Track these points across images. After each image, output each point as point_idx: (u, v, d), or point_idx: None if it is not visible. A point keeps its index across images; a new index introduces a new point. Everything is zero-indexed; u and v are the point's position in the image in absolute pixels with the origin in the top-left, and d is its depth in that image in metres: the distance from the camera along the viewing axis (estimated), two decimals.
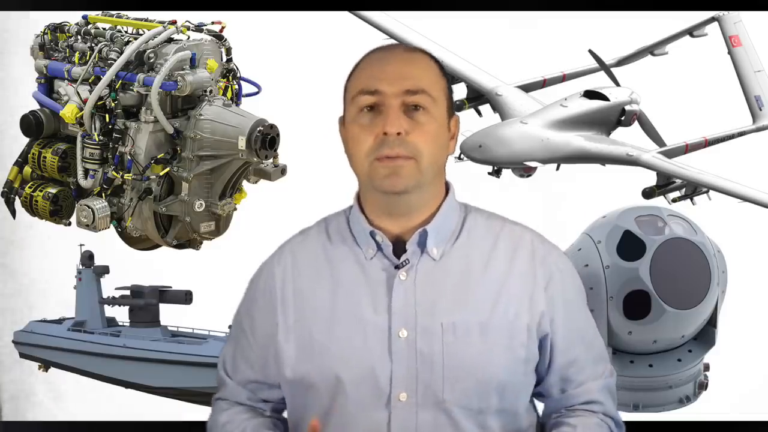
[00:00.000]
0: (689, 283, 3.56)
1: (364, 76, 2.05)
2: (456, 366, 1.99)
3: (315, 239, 2.13)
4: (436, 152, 2.03)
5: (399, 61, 2.05)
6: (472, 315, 2.01)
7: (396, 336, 1.99)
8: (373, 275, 2.04)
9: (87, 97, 4.64)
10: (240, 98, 4.95)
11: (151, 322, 6.33)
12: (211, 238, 4.88)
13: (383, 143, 1.98)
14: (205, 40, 4.77)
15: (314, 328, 2.04)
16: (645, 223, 3.64)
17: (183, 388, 6.07)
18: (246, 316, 2.18)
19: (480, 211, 2.14)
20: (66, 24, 4.95)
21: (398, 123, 1.98)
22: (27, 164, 4.96)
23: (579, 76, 5.61)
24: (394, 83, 2.00)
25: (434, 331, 1.99)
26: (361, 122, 2.02)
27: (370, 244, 2.05)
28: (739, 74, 5.47)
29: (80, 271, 6.47)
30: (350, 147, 2.05)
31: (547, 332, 2.06)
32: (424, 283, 2.02)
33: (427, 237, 2.04)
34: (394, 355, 1.99)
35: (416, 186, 2.01)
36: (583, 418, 2.10)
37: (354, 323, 2.02)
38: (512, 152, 5.00)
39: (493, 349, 2.01)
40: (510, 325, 2.02)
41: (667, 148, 5.16)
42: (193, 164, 4.65)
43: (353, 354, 2.00)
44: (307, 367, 2.03)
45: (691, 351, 3.78)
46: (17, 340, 6.22)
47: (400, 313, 2.00)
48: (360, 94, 2.02)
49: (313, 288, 2.07)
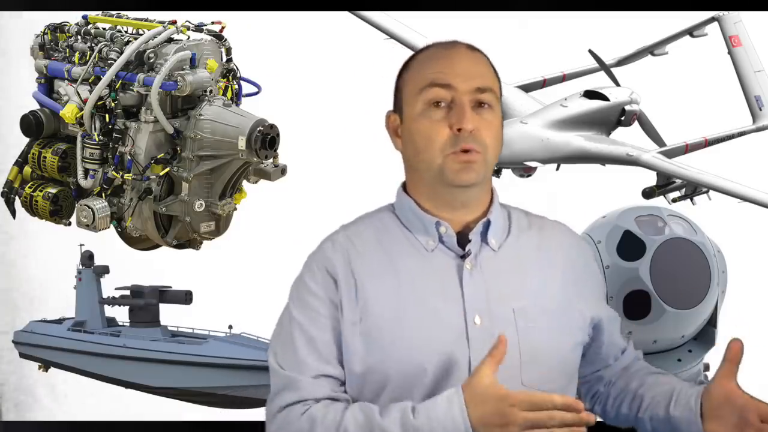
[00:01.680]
0: (689, 283, 3.56)
1: (432, 70, 2.07)
2: (531, 350, 2.03)
3: (366, 232, 2.13)
4: (498, 147, 2.11)
5: (467, 58, 2.09)
6: (536, 301, 2.07)
7: (471, 323, 2.02)
8: (437, 266, 2.06)
9: (87, 97, 4.65)
10: (240, 98, 4.95)
11: (151, 322, 6.34)
12: (211, 238, 4.88)
13: (458, 139, 2.02)
14: (205, 40, 4.77)
15: (383, 321, 2.03)
16: (645, 223, 3.63)
17: (183, 388, 6.08)
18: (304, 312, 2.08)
19: (518, 210, 2.22)
20: (66, 24, 4.95)
21: (472, 120, 2.03)
22: (27, 164, 4.96)
23: (579, 76, 5.61)
24: (467, 80, 2.05)
25: (507, 317, 2.03)
26: (433, 117, 2.04)
27: (432, 234, 2.08)
28: (739, 74, 5.47)
29: (80, 271, 6.48)
30: (418, 142, 2.06)
31: (595, 316, 2.17)
32: (489, 272, 2.06)
33: (489, 228, 2.09)
34: (471, 342, 2.01)
35: (482, 179, 2.08)
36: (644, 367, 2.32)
37: (427, 313, 2.02)
38: (512, 152, 5.00)
39: (559, 332, 2.08)
40: (568, 310, 2.11)
41: (667, 148, 5.16)
42: (193, 164, 4.65)
43: (430, 343, 2.00)
44: (379, 361, 2.01)
45: (691, 351, 3.78)
46: (17, 340, 6.23)
47: (472, 301, 2.03)
48: (430, 87, 2.05)
49: (376, 280, 2.06)
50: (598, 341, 2.21)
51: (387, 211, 2.16)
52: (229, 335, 6.19)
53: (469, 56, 2.10)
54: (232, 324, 6.14)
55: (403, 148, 2.11)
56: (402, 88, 2.11)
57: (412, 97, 2.07)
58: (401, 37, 5.49)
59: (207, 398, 6.12)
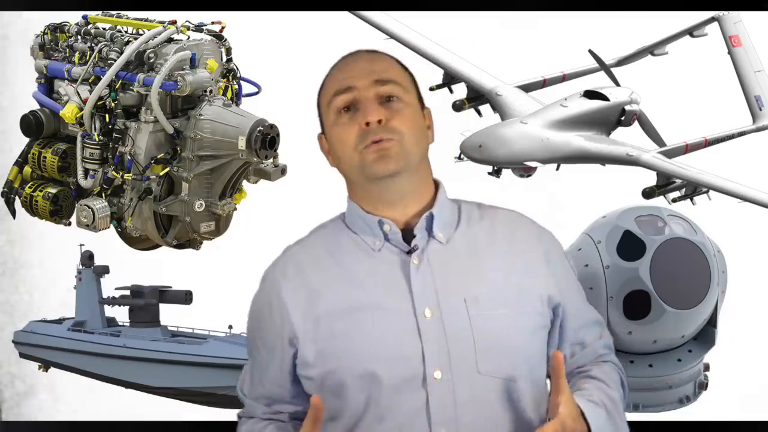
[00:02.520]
0: (689, 283, 3.56)
1: (335, 80, 2.13)
2: (485, 337, 2.03)
3: (315, 243, 2.17)
4: (417, 134, 2.09)
5: (365, 59, 2.14)
6: (489, 289, 2.06)
7: (422, 316, 2.03)
8: (385, 264, 2.08)
9: (87, 97, 4.64)
10: (240, 98, 4.95)
11: (151, 322, 6.34)
12: (211, 238, 4.88)
13: (367, 133, 2.05)
14: (205, 40, 4.77)
15: (335, 326, 2.05)
16: (645, 223, 3.63)
17: (183, 388, 6.08)
18: (257, 333, 2.19)
19: (470, 203, 2.21)
20: (66, 24, 4.95)
21: (377, 112, 2.05)
22: (27, 164, 4.96)
23: (579, 76, 5.61)
24: (365, 76, 2.08)
25: (458, 306, 2.04)
26: (341, 122, 2.09)
27: (377, 234, 2.09)
28: (739, 74, 5.47)
29: (80, 271, 6.49)
30: (337, 149, 2.11)
31: (558, 301, 2.14)
32: (438, 265, 2.07)
33: (434, 220, 2.09)
34: (423, 335, 2.01)
35: (405, 167, 2.07)
36: (597, 365, 2.21)
37: (376, 313, 2.04)
38: (512, 152, 5.00)
39: (516, 318, 2.06)
40: (525, 295, 2.09)
41: (667, 148, 5.16)
42: (193, 164, 4.65)
43: (381, 342, 2.02)
44: (335, 364, 2.04)
45: (691, 351, 3.78)
46: (17, 340, 6.23)
47: (422, 295, 2.04)
48: (335, 96, 2.10)
49: (326, 287, 2.09)
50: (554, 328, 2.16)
51: (338, 220, 2.19)
52: (229, 335, 6.20)
53: (368, 57, 2.15)
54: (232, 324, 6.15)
55: (334, 161, 2.15)
56: (319, 108, 2.17)
57: (325, 112, 2.14)
58: (401, 37, 5.49)
59: (207, 398, 6.12)
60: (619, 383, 2.24)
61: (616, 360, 2.26)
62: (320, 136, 2.18)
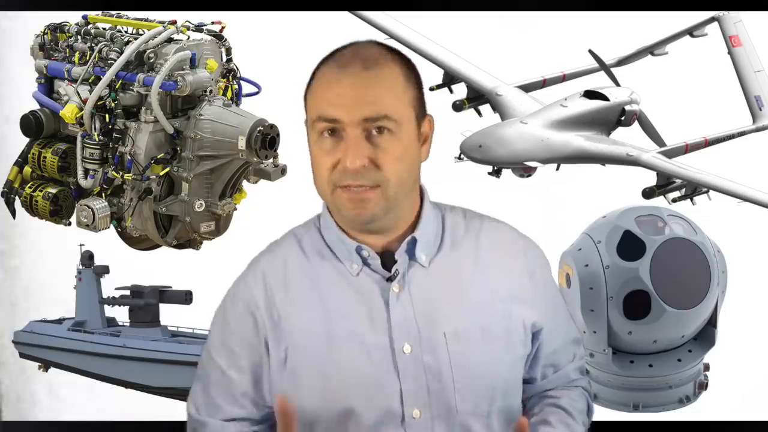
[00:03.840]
0: (689, 283, 3.56)
1: (322, 99, 1.91)
2: (464, 374, 1.95)
3: (290, 257, 2.02)
4: (405, 174, 1.92)
5: (355, 84, 1.89)
6: (471, 320, 1.97)
7: (400, 352, 1.93)
8: (363, 291, 1.95)
9: (87, 97, 4.64)
10: (240, 98, 4.95)
11: (151, 322, 6.33)
12: (211, 238, 4.88)
13: (345, 174, 1.88)
14: (205, 40, 4.77)
15: (310, 355, 1.94)
16: (645, 223, 3.64)
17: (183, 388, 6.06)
18: (223, 350, 2.04)
19: (455, 209, 2.08)
20: (66, 24, 4.95)
21: (360, 155, 1.86)
22: (27, 164, 4.96)
23: (579, 76, 5.61)
24: (353, 111, 1.87)
25: (438, 341, 1.94)
26: (321, 146, 1.92)
27: (355, 259, 1.97)
28: (739, 74, 5.47)
29: (80, 271, 6.47)
30: (313, 169, 1.96)
31: (540, 327, 2.06)
32: (419, 293, 1.96)
33: (416, 244, 1.97)
34: (401, 373, 1.93)
35: (385, 212, 1.92)
36: (566, 390, 2.14)
37: (353, 345, 1.93)
38: (512, 152, 5.00)
39: (496, 352, 1.98)
40: (508, 324, 2.00)
41: (667, 148, 5.16)
42: (193, 164, 4.65)
43: (357, 378, 1.92)
44: (308, 399, 1.93)
45: (691, 351, 3.78)
46: (17, 340, 6.22)
47: (401, 327, 1.94)
48: (317, 121, 1.91)
49: (301, 310, 1.96)
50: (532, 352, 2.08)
51: (313, 229, 2.05)
52: None
53: (360, 79, 1.89)
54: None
55: None
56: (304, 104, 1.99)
57: (309, 121, 1.96)
58: (401, 37, 5.49)
59: None
60: (585, 412, 2.16)
61: (586, 384, 2.19)
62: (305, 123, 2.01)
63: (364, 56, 1.93)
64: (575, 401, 2.13)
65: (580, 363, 2.19)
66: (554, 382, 2.15)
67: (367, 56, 1.93)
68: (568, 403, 2.11)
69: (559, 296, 2.17)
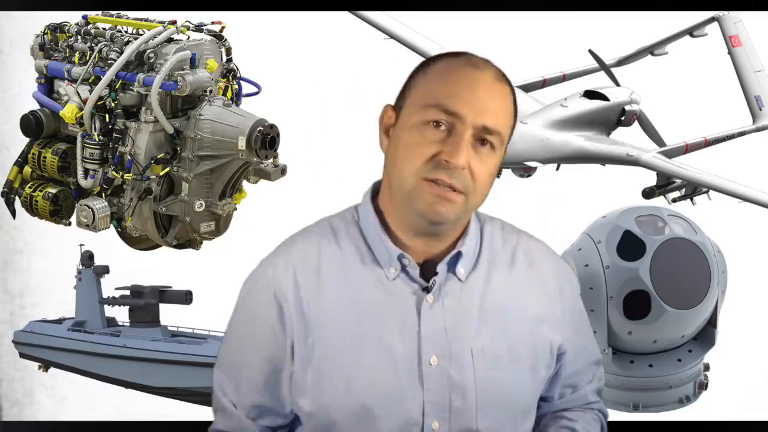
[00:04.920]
0: (689, 283, 3.56)
1: (446, 89, 1.89)
2: (488, 393, 1.94)
3: (324, 249, 1.98)
4: (487, 191, 1.93)
5: (487, 90, 1.90)
6: (500, 340, 1.96)
7: (427, 363, 1.91)
8: (397, 297, 1.93)
9: (87, 97, 4.64)
10: (240, 98, 4.95)
11: (151, 322, 6.34)
12: (211, 238, 4.88)
13: (440, 167, 1.85)
14: (205, 40, 4.77)
15: (336, 356, 1.92)
16: (645, 223, 3.63)
17: (183, 388, 6.07)
18: (248, 336, 2.01)
19: (493, 221, 2.06)
20: (66, 24, 4.95)
21: (465, 157, 1.86)
22: (27, 164, 4.96)
23: (579, 76, 5.62)
24: (478, 114, 1.87)
25: (465, 357, 1.93)
26: (426, 135, 1.87)
27: (394, 264, 1.94)
28: (739, 74, 5.47)
29: (80, 271, 6.48)
30: (399, 153, 1.90)
31: (565, 350, 2.05)
32: (452, 307, 1.94)
33: (459, 259, 1.96)
34: (425, 384, 1.91)
35: (456, 219, 1.91)
36: (581, 413, 2.14)
37: (381, 350, 1.91)
38: (512, 152, 4.98)
39: (521, 374, 1.98)
40: (535, 346, 2.00)
41: (667, 148, 5.16)
42: (193, 164, 4.65)
43: (382, 384, 1.91)
44: (331, 399, 1.92)
45: (691, 351, 3.78)
46: (17, 340, 6.22)
47: (430, 339, 1.92)
48: (434, 108, 1.87)
49: (331, 309, 1.93)
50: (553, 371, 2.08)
51: (351, 223, 2.00)
52: None
53: (492, 88, 1.90)
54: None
55: (387, 152, 1.94)
56: (410, 88, 1.93)
57: (414, 105, 1.90)
58: (401, 37, 5.49)
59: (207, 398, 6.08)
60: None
61: (602, 407, 2.18)
62: (388, 108, 1.96)
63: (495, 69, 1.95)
64: (590, 426, 2.13)
65: (598, 384, 2.18)
66: (571, 403, 2.14)
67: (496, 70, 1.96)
68: (583, 427, 2.11)
69: (585, 318, 2.16)
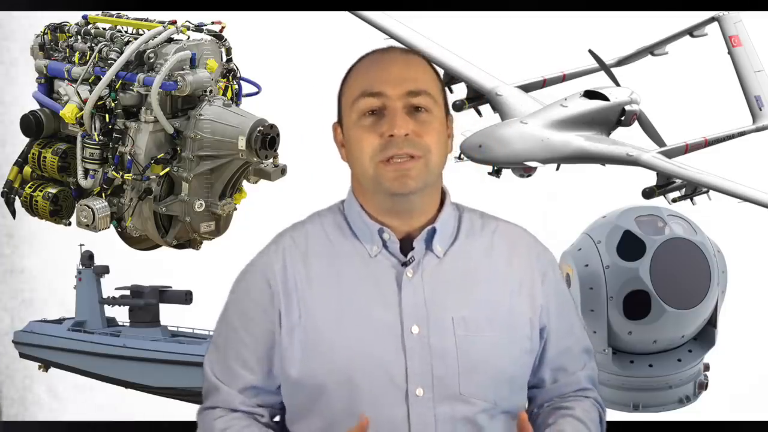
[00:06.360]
0: (689, 283, 3.56)
1: (365, 79, 2.05)
2: (470, 359, 2.02)
3: (312, 234, 2.12)
4: (441, 149, 2.05)
5: (399, 63, 2.06)
6: (479, 310, 2.04)
7: (408, 332, 2.01)
8: (379, 272, 2.05)
9: (87, 97, 4.65)
10: (240, 98, 4.95)
11: (151, 322, 6.33)
12: (211, 238, 4.88)
13: (389, 144, 1.99)
14: (205, 40, 4.78)
15: (322, 326, 2.03)
16: (645, 223, 3.64)
17: (183, 388, 6.07)
18: (239, 316, 2.12)
19: (473, 211, 2.17)
20: (66, 24, 4.95)
21: (405, 124, 1.99)
22: (27, 164, 4.96)
23: (579, 76, 5.61)
24: (397, 85, 2.01)
25: (446, 325, 2.02)
26: (363, 125, 2.03)
27: (376, 241, 2.06)
28: (739, 74, 5.47)
29: (80, 271, 6.47)
30: (353, 150, 2.04)
31: (544, 324, 2.11)
32: (431, 280, 2.04)
33: (435, 235, 2.06)
34: (407, 351, 2.00)
35: (423, 186, 2.03)
36: (578, 401, 2.18)
37: (364, 321, 2.02)
38: (512, 152, 5.00)
39: (502, 342, 2.05)
40: (514, 318, 2.07)
41: (667, 148, 5.16)
42: (193, 164, 4.65)
43: (365, 352, 2.00)
44: (316, 367, 2.02)
45: (691, 351, 3.79)
46: (17, 340, 6.22)
47: (411, 309, 2.02)
48: (362, 97, 2.03)
49: (317, 284, 2.06)
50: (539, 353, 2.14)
51: (336, 212, 2.14)
52: None
53: (402, 61, 2.07)
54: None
55: (347, 158, 2.09)
56: (341, 99, 2.09)
57: (347, 107, 2.06)
58: (401, 37, 5.49)
59: None
60: (598, 422, 2.19)
61: (597, 396, 2.22)
62: (335, 126, 2.12)
63: (401, 48, 2.16)
64: (589, 412, 2.17)
65: (591, 373, 2.22)
66: (565, 388, 2.18)
67: (402, 48, 2.16)
68: (583, 414, 2.15)
69: (570, 302, 2.22)
